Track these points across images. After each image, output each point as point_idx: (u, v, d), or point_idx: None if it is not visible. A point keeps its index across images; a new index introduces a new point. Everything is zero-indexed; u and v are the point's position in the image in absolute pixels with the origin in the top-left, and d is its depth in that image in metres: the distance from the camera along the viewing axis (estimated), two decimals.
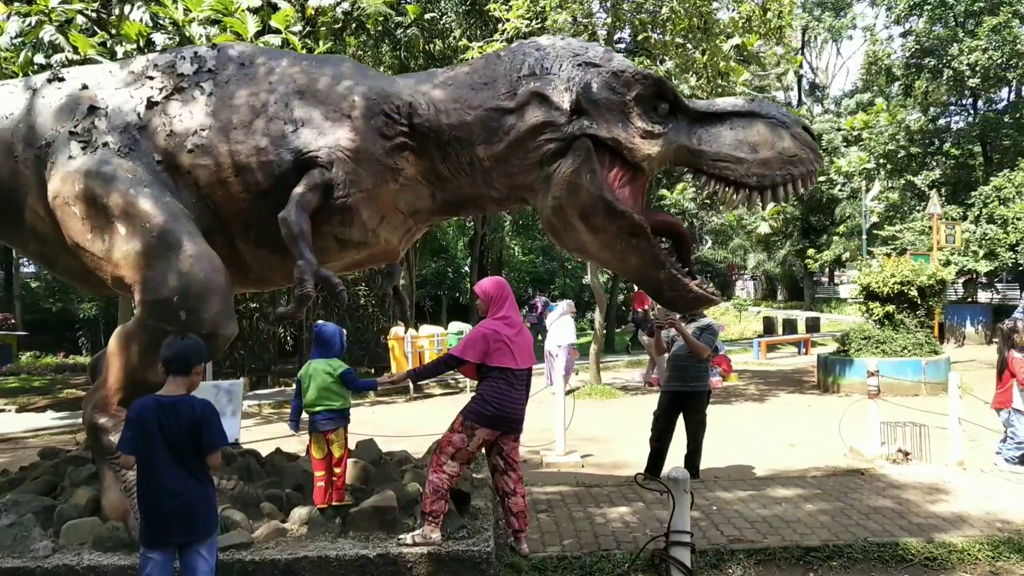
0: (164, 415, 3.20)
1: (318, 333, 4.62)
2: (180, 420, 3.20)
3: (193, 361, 3.35)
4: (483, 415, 4.22)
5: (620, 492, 5.61)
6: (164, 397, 3.27)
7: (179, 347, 3.34)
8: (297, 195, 4.47)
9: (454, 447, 4.21)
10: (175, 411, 3.21)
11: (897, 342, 11.64)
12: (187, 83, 4.79)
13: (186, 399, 3.28)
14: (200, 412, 3.24)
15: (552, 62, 4.66)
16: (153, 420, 3.18)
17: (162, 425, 3.18)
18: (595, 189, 4.46)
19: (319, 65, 4.97)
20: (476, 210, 5.08)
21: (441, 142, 4.70)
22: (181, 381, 3.32)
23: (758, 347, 18.41)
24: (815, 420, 9.78)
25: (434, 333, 13.75)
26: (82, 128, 4.64)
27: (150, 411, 3.21)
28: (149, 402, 3.26)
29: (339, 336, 4.62)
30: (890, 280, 11.75)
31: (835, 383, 12.06)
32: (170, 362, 3.33)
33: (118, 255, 4.37)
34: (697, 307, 4.93)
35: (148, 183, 4.48)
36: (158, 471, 3.18)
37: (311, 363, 4.55)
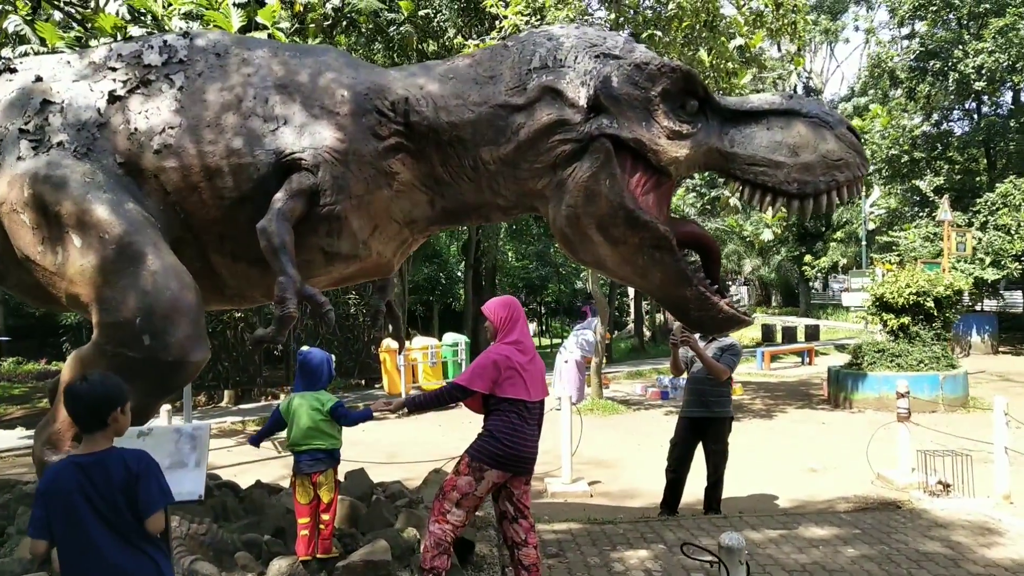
0: (88, 480, 2.48)
1: (303, 362, 4.06)
2: (110, 481, 2.49)
3: (105, 410, 2.56)
4: (493, 454, 3.67)
5: (637, 531, 5.08)
6: (83, 457, 2.54)
7: (84, 397, 2.56)
8: (278, 202, 3.95)
9: (460, 492, 3.66)
10: (102, 471, 2.50)
11: (913, 355, 11.13)
12: (154, 75, 4.24)
13: (113, 454, 2.56)
14: (135, 467, 2.53)
15: (566, 53, 4.15)
16: (74, 489, 2.47)
17: (87, 494, 2.47)
18: (615, 196, 3.95)
19: (301, 56, 4.43)
20: (479, 219, 4.56)
21: (441, 143, 4.17)
22: (100, 435, 2.58)
23: (761, 357, 17.93)
24: (832, 440, 9.30)
25: (427, 345, 13.20)
26: (33, 125, 4.09)
27: (68, 479, 2.49)
28: (65, 468, 2.53)
29: (327, 364, 4.07)
30: (905, 290, 11.27)
31: (847, 398, 11.55)
32: (77, 417, 2.60)
33: (72, 270, 3.82)
34: (728, 328, 4.42)
35: (107, 188, 3.94)
36: (93, 553, 2.49)
37: (294, 397, 4.00)
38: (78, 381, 2.60)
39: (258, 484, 5.21)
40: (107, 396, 2.57)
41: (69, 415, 2.64)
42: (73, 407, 2.58)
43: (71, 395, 2.58)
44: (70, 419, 3.69)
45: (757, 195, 4.06)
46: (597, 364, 12.27)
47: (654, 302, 30.22)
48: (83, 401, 2.55)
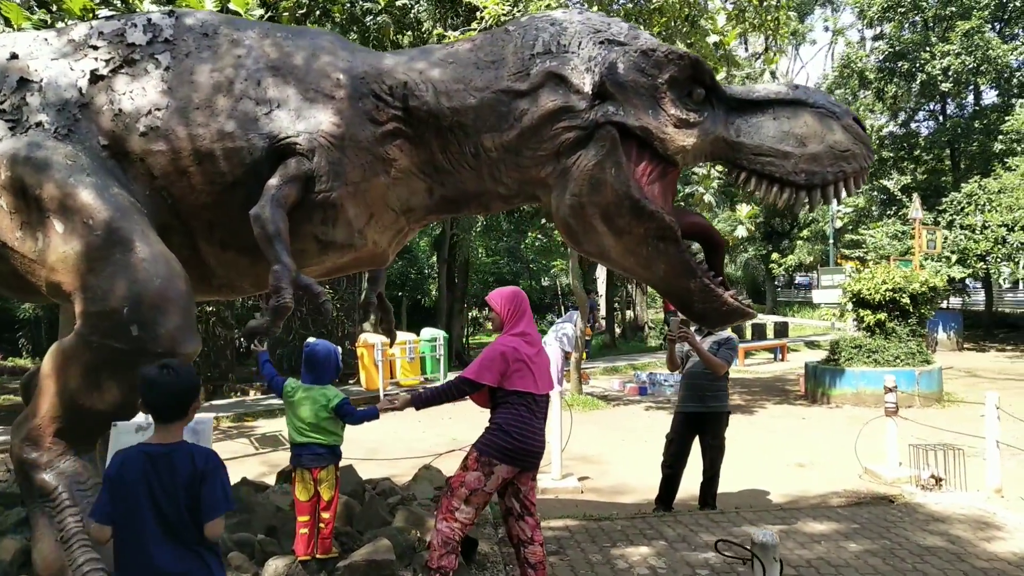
0: (154, 470, 2.40)
1: (309, 354, 3.91)
2: (176, 476, 2.40)
3: (189, 400, 2.51)
4: (503, 448, 3.56)
5: (635, 527, 5.00)
6: (153, 447, 2.45)
7: (168, 385, 2.46)
8: (272, 188, 3.79)
9: (468, 488, 3.53)
10: (169, 464, 2.41)
11: (889, 351, 11.24)
12: (139, 55, 4.05)
13: (182, 448, 2.47)
14: (202, 464, 2.44)
15: (570, 39, 4.05)
16: (140, 479, 2.38)
17: (150, 485, 2.38)
18: (621, 185, 3.87)
19: (295, 37, 4.27)
20: (479, 208, 4.43)
21: (441, 129, 4.05)
22: (176, 426, 2.51)
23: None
24: (814, 435, 9.33)
25: (405, 340, 13.01)
26: (10, 105, 3.88)
27: (135, 467, 2.40)
28: (134, 455, 2.43)
29: (334, 357, 3.92)
30: (882, 287, 11.38)
31: (824, 394, 11.62)
32: (159, 407, 2.47)
33: (54, 257, 3.61)
34: (731, 322, 4.34)
35: (91, 171, 3.74)
36: (146, 548, 2.38)
37: (298, 385, 3.85)
38: (159, 369, 2.49)
39: (244, 481, 5.04)
40: (192, 385, 2.53)
41: (146, 404, 2.50)
42: (156, 396, 2.46)
43: (153, 384, 2.45)
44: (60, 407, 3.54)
45: (763, 185, 3.99)
46: (577, 359, 12.21)
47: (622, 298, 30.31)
48: (168, 390, 2.45)
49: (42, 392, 3.69)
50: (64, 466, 3.66)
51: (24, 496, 3.81)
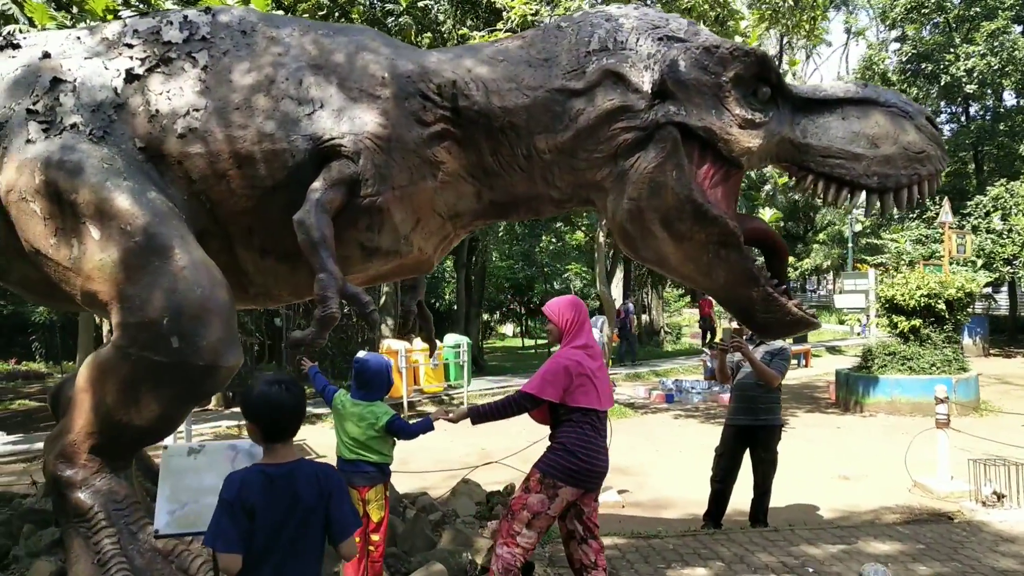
0: (275, 492, 2.21)
1: (359, 370, 3.72)
2: (299, 497, 2.22)
3: (302, 418, 2.38)
4: (568, 470, 3.36)
5: (687, 546, 4.79)
6: (272, 467, 2.27)
7: (287, 405, 2.30)
8: (316, 193, 3.62)
9: (531, 511, 3.33)
10: (290, 485, 2.23)
11: (924, 358, 10.97)
12: (175, 53, 3.88)
13: (304, 467, 2.30)
14: (327, 484, 2.28)
15: (627, 35, 3.87)
16: (261, 502, 2.20)
17: (273, 507, 2.20)
18: (682, 189, 3.68)
19: (336, 34, 4.11)
20: (529, 213, 4.24)
21: (492, 130, 3.86)
22: (288, 444, 2.34)
23: None
24: (853, 446, 9.05)
25: (427, 347, 12.79)
26: (43, 106, 3.71)
27: (255, 489, 2.21)
28: (252, 477, 2.25)
29: (386, 372, 3.73)
30: (916, 292, 11.12)
31: (857, 402, 11.34)
32: (275, 426, 2.29)
33: (90, 265, 3.44)
34: (795, 332, 4.14)
35: (128, 175, 3.57)
36: (270, 572, 2.21)
37: (346, 399, 3.67)
38: (271, 387, 2.32)
39: None
40: (303, 403, 2.39)
41: (258, 423, 2.31)
42: (272, 415, 2.30)
43: (271, 404, 2.29)
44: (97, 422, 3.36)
45: (832, 189, 3.80)
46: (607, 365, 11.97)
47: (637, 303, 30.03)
48: (287, 410, 2.30)
49: (77, 406, 3.52)
50: (100, 484, 3.49)
51: (57, 515, 3.64)
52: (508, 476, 6.62)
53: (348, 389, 3.83)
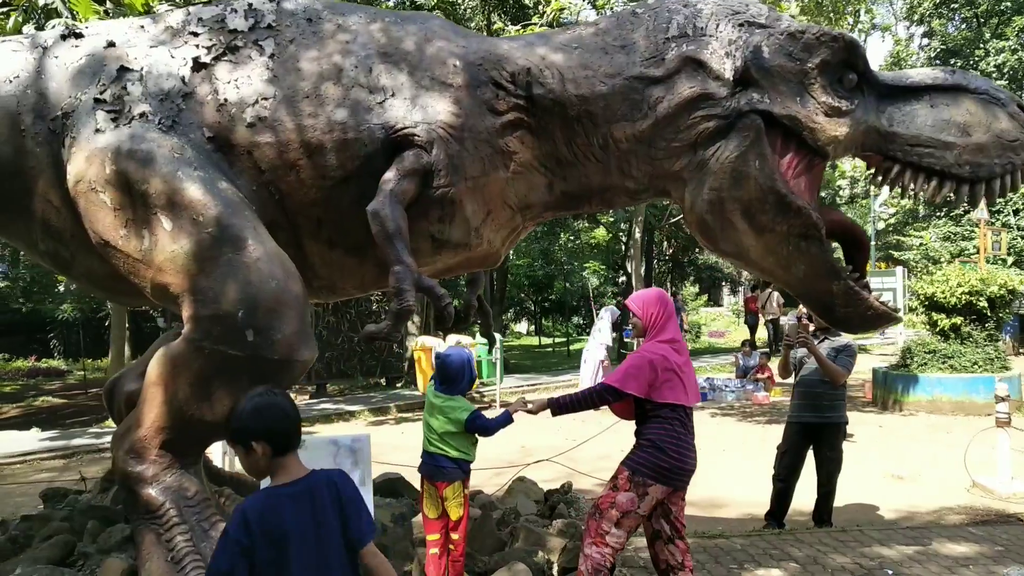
0: (299, 512, 2.04)
1: (441, 364, 3.64)
2: (323, 510, 2.07)
3: (299, 423, 2.23)
4: (658, 467, 3.27)
5: (755, 546, 4.69)
6: (288, 487, 2.09)
7: (292, 413, 2.16)
8: (390, 183, 3.53)
9: (620, 510, 3.24)
10: (310, 500, 2.06)
11: (966, 356, 10.80)
12: (242, 41, 3.80)
13: (319, 477, 2.15)
14: (345, 490, 2.13)
15: (706, 21, 3.76)
16: (293, 527, 2.01)
17: (301, 529, 2.02)
18: (766, 179, 3.58)
19: (403, 22, 4.02)
20: (601, 204, 4.14)
21: (567, 119, 3.76)
22: (297, 455, 2.17)
23: None
24: (899, 445, 8.87)
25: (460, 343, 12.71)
26: (110, 95, 3.63)
27: (273, 516, 2.01)
28: (274, 502, 2.04)
29: (468, 367, 3.64)
30: (957, 290, 10.95)
31: (896, 401, 11.16)
32: (284, 437, 2.12)
33: (162, 257, 3.36)
34: (877, 327, 4.03)
35: (198, 165, 3.49)
36: None
37: (429, 394, 3.58)
38: (271, 395, 2.17)
39: None
40: (294, 409, 2.21)
41: (267, 438, 2.11)
42: (283, 425, 2.13)
43: (279, 413, 2.12)
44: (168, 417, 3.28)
45: (921, 179, 3.68)
46: None
47: None
48: (293, 418, 2.15)
49: (147, 401, 3.45)
50: (170, 480, 3.42)
51: (128, 512, 3.57)
52: (555, 474, 6.54)
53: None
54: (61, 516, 4.17)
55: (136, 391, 4.53)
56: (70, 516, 4.11)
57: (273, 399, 2.15)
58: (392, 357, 13.96)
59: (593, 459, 7.06)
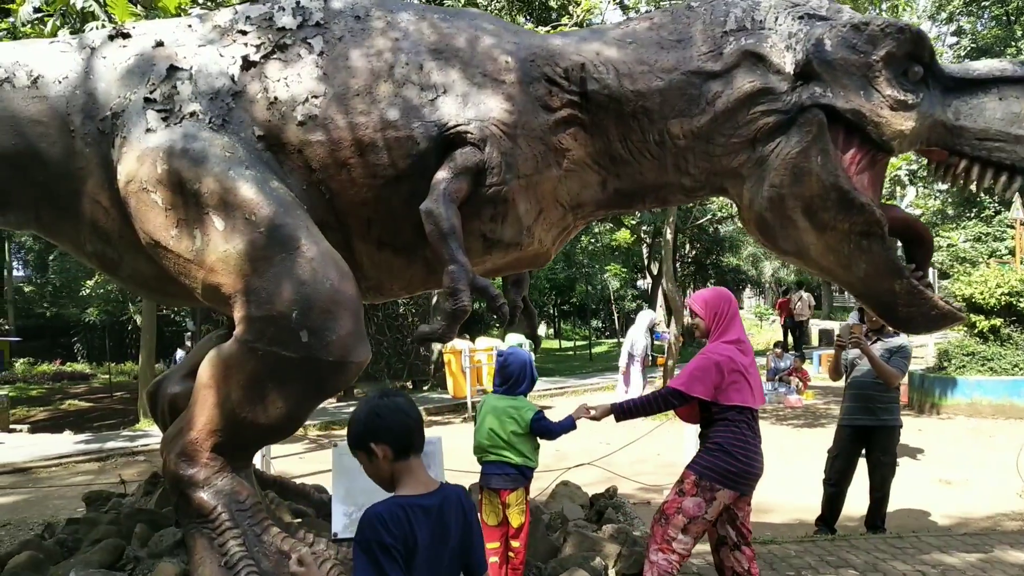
0: (429, 527, 1.89)
1: (502, 365, 3.57)
2: (447, 529, 1.93)
3: (421, 424, 2.10)
4: (726, 472, 3.18)
5: (810, 552, 4.58)
6: (417, 498, 1.94)
7: (413, 413, 2.03)
8: (442, 182, 3.46)
9: (687, 516, 3.16)
10: (440, 516, 1.93)
11: (1007, 359, 10.59)
12: (290, 39, 3.75)
13: (448, 492, 2.02)
14: (468, 511, 2.00)
15: (765, 13, 3.68)
16: (424, 539, 1.87)
17: (428, 545, 1.88)
18: (828, 175, 3.48)
19: (453, 18, 3.97)
20: (656, 202, 4.06)
21: (623, 115, 3.68)
22: (421, 463, 2.04)
23: (819, 360, 17.38)
24: (942, 449, 8.71)
25: (492, 346, 12.67)
26: (160, 94, 3.59)
27: (406, 527, 1.86)
28: (398, 512, 1.88)
29: (529, 368, 3.57)
30: (996, 291, 10.76)
31: (934, 405, 10.97)
32: (407, 439, 1.99)
33: (214, 257, 3.31)
34: (940, 327, 3.91)
35: (249, 164, 3.45)
36: None
37: (489, 397, 3.51)
38: (391, 397, 2.05)
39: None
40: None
41: (388, 439, 1.99)
42: (402, 426, 1.99)
43: (397, 412, 2.00)
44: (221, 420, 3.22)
45: (989, 174, 3.57)
46: (670, 366, 11.74)
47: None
48: (415, 418, 2.02)
49: (198, 403, 3.40)
50: (222, 484, 3.38)
51: (179, 516, 3.52)
52: (593, 478, 6.45)
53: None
54: (107, 519, 4.13)
55: (180, 394, 4.52)
56: (116, 519, 4.07)
57: (390, 400, 2.04)
58: (419, 360, 13.92)
59: (631, 463, 6.97)
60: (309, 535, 3.48)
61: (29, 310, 34.29)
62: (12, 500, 7.09)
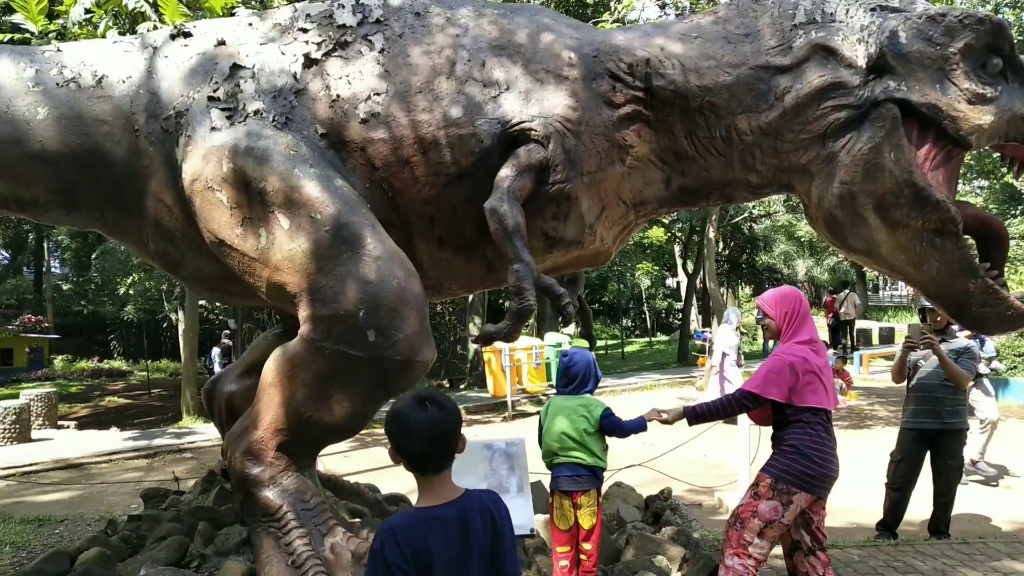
0: (447, 539, 1.83)
1: (567, 365, 3.53)
2: (475, 538, 1.85)
3: (455, 441, 1.92)
4: (803, 475, 3.11)
5: (875, 558, 4.47)
6: (440, 508, 1.87)
7: (433, 425, 1.88)
8: (506, 180, 3.43)
9: (763, 519, 3.09)
10: (465, 526, 1.85)
11: None
12: (351, 36, 3.74)
13: (474, 500, 1.91)
14: (500, 519, 1.90)
15: (836, 6, 3.60)
16: (441, 553, 1.81)
17: (448, 559, 1.82)
18: (902, 172, 3.39)
19: (513, 14, 3.92)
20: (720, 199, 3.98)
21: (689, 111, 3.62)
22: (448, 476, 1.93)
23: (859, 360, 17.11)
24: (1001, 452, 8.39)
25: (531, 345, 12.62)
26: (224, 92, 3.59)
27: (419, 540, 1.81)
28: (420, 524, 1.84)
29: (593, 367, 3.52)
30: None
31: None
32: (423, 455, 1.89)
33: (279, 256, 3.30)
34: (1016, 327, 3.79)
35: (313, 162, 3.43)
36: None
37: (554, 399, 3.47)
38: (413, 406, 1.90)
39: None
40: (455, 426, 1.92)
41: (402, 453, 1.91)
42: (420, 443, 1.88)
43: (411, 427, 1.87)
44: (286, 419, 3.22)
45: None
46: (711, 367, 11.60)
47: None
48: (432, 435, 1.87)
49: (263, 402, 3.40)
50: (287, 483, 3.37)
51: (244, 514, 3.51)
52: (642, 479, 6.38)
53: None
54: (169, 517, 4.15)
55: (236, 392, 4.54)
56: (178, 517, 4.08)
57: (418, 414, 1.89)
58: (456, 359, 13.92)
59: (678, 464, 6.89)
60: (371, 535, 3.46)
61: (66, 308, 34.92)
62: (68, 496, 7.19)
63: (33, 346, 29.93)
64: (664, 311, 41.81)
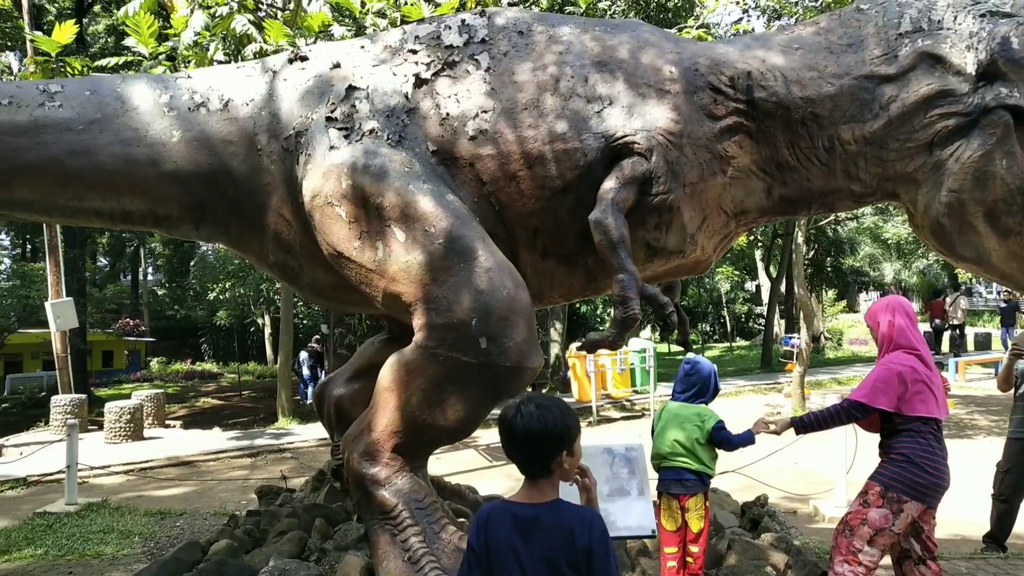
0: (521, 537, 1.89)
1: (687, 373, 3.61)
2: (547, 547, 1.87)
3: (551, 452, 1.94)
4: (915, 484, 3.12)
5: (983, 570, 4.39)
6: (520, 506, 1.95)
7: (517, 434, 1.94)
8: (610, 192, 3.53)
9: (872, 527, 3.11)
10: (536, 531, 1.89)
11: None
12: (458, 56, 3.90)
13: (556, 512, 1.92)
14: (584, 537, 1.88)
15: (942, 13, 3.57)
16: (506, 547, 1.89)
17: (518, 556, 1.88)
18: (1014, 179, 3.35)
19: (615, 31, 4.02)
20: (821, 208, 4.00)
21: (791, 122, 3.65)
22: (543, 482, 1.97)
23: (955, 368, 16.52)
24: None
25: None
26: (340, 113, 3.80)
27: (500, 531, 1.92)
28: (497, 515, 1.95)
29: (714, 378, 3.60)
30: None
31: None
32: (513, 458, 1.99)
33: (395, 267, 3.48)
34: None
35: (426, 178, 3.61)
36: None
37: (670, 405, 3.56)
38: (512, 411, 1.98)
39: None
40: (550, 435, 1.93)
41: (506, 453, 2.02)
42: (508, 447, 1.98)
43: (507, 432, 1.97)
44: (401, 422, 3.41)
45: None
46: (800, 374, 11.46)
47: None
48: (517, 440, 1.94)
49: (379, 405, 3.58)
50: (402, 483, 3.54)
51: (361, 512, 3.71)
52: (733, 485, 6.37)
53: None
54: (285, 513, 4.39)
55: (344, 395, 4.78)
56: (295, 513, 4.32)
57: (516, 422, 1.96)
58: None
59: (770, 471, 6.84)
60: None
61: (160, 313, 36.61)
62: (183, 491, 7.64)
63: (131, 349, 31.54)
64: (744, 315, 41.07)
